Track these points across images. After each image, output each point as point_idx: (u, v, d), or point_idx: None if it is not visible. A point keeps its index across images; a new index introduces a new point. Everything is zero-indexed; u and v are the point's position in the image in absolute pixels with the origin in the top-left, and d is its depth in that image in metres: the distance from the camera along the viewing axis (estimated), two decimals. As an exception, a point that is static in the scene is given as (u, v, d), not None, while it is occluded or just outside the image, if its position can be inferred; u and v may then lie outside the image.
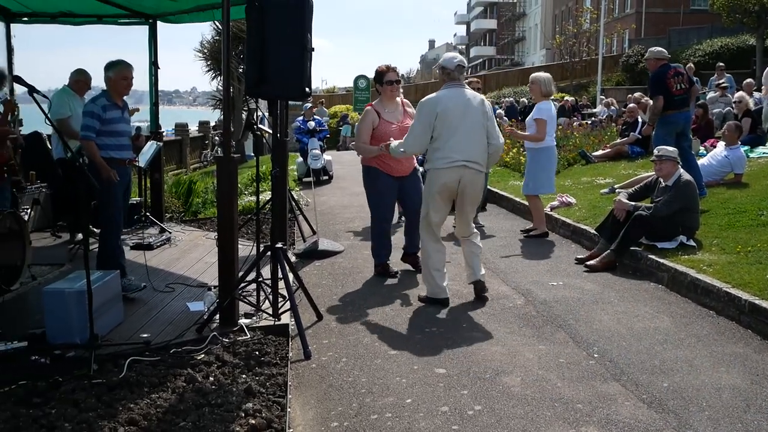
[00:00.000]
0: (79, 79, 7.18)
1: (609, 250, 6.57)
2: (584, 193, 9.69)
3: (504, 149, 7.13)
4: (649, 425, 3.47)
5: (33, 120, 6.61)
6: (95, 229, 6.40)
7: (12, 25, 8.21)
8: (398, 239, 6.99)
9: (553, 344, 4.64)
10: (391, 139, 5.89)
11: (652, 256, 6.23)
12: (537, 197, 8.16)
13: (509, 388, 3.94)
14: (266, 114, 5.55)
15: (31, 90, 3.95)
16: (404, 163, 6.28)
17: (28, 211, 7.45)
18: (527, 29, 69.28)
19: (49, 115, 4.36)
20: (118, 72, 5.59)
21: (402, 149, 5.59)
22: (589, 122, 19.74)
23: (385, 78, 6.24)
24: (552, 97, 9.00)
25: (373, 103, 6.40)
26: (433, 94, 5.50)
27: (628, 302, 5.56)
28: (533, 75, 8.22)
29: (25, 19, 8.30)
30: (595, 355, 4.42)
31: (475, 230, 5.74)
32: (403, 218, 7.23)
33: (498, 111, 11.86)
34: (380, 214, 6.42)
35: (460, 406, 3.72)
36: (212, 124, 27.26)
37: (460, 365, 4.28)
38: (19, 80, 4.11)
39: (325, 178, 14.03)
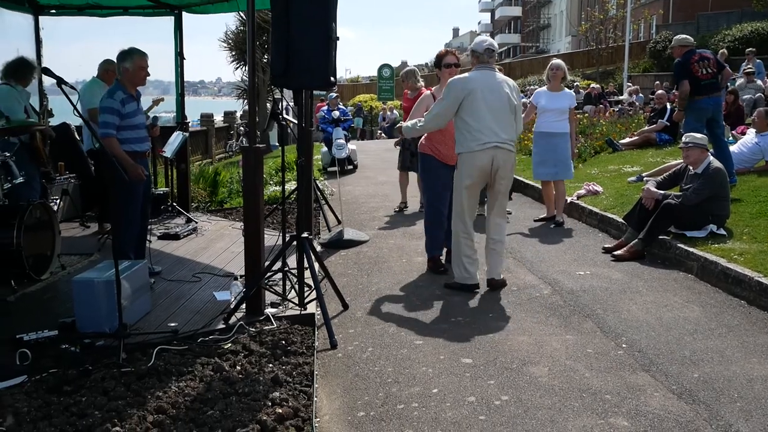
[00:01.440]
0: (108, 69, 7.22)
1: (637, 239, 6.49)
2: (611, 181, 9.58)
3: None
4: (679, 416, 3.43)
5: (63, 111, 6.66)
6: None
7: (40, 18, 8.32)
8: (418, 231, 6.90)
9: (581, 334, 4.60)
10: (401, 122, 5.88)
11: (682, 245, 6.15)
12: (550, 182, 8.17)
13: (536, 378, 3.91)
14: (291, 104, 5.55)
15: (60, 81, 3.97)
16: None
17: (57, 201, 7.54)
18: (552, 16, 68.55)
19: (78, 107, 4.37)
20: (136, 62, 5.41)
21: (419, 125, 5.63)
22: (616, 109, 19.51)
23: (443, 61, 6.16)
24: (575, 83, 8.88)
25: (433, 88, 6.33)
26: (463, 74, 5.52)
27: (656, 292, 5.49)
28: (556, 61, 8.18)
29: (53, 11, 8.40)
30: (624, 345, 4.38)
31: (507, 218, 5.70)
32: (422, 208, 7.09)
33: (523, 99, 11.64)
34: (432, 204, 6.18)
35: (487, 396, 3.70)
36: (237, 114, 27.42)
37: (487, 355, 4.26)
38: (48, 72, 4.12)
39: (350, 167, 14.01)
